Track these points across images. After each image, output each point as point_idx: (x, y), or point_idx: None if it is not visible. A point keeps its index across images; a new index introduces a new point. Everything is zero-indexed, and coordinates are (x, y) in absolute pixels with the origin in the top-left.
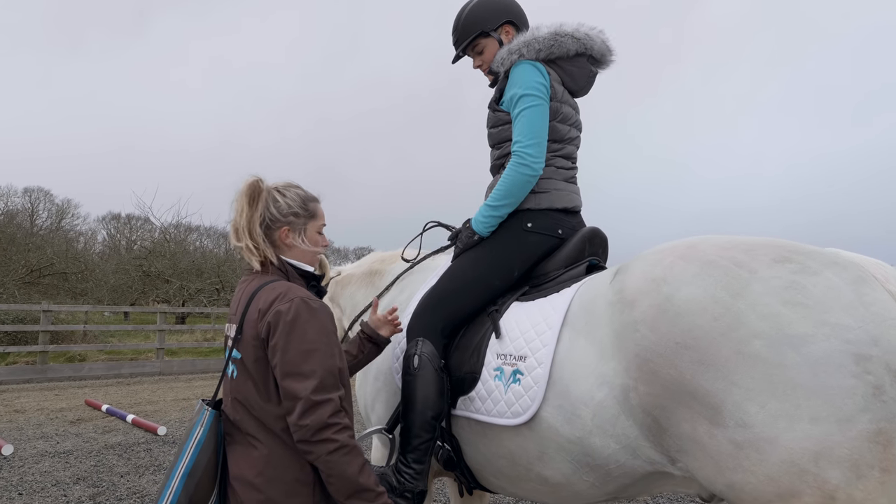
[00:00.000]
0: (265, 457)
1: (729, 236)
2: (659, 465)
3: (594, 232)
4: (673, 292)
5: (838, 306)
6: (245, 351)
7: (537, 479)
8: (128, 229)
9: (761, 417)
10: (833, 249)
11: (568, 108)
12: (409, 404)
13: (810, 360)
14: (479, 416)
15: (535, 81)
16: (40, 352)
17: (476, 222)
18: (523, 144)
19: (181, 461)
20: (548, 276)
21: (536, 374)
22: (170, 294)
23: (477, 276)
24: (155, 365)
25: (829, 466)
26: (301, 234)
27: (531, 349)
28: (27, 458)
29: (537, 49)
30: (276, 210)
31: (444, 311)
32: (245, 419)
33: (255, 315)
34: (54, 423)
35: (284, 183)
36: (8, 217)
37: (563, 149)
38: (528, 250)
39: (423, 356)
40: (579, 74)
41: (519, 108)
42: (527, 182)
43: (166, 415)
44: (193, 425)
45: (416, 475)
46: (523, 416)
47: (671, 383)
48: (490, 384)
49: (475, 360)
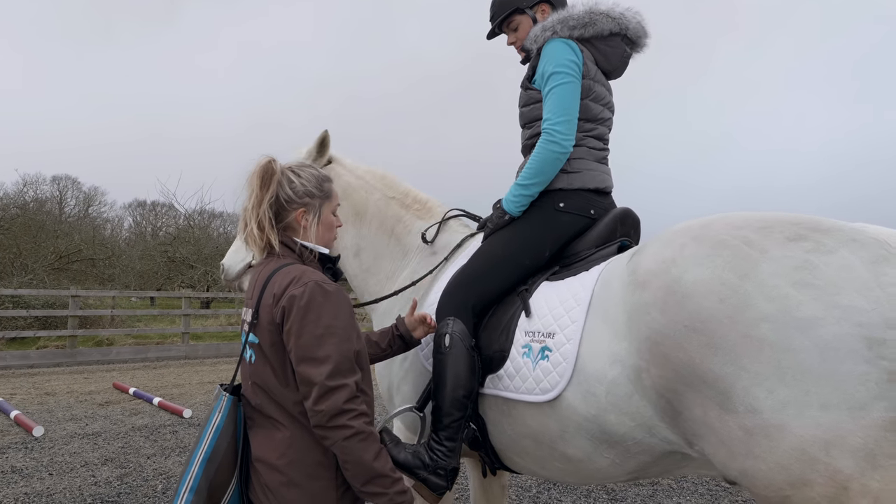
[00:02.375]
0: (287, 439)
1: (746, 213)
2: (677, 445)
3: (626, 212)
4: (682, 274)
5: (851, 287)
6: (262, 336)
7: (560, 458)
8: (153, 216)
9: (770, 403)
10: (860, 224)
11: (601, 87)
12: (440, 383)
13: (819, 345)
14: (506, 394)
15: (566, 59)
16: (69, 336)
17: (507, 202)
18: (553, 122)
19: (200, 446)
20: (578, 256)
21: (565, 351)
22: (194, 279)
23: (508, 256)
24: (180, 349)
25: (842, 455)
26: (316, 215)
27: (560, 326)
28: (57, 440)
29: (571, 27)
30: (292, 191)
31: (474, 291)
32: (265, 403)
33: (270, 300)
34: (83, 405)
35: (298, 163)
36: (38, 204)
37: (595, 129)
38: (560, 230)
39: (455, 335)
40: (613, 54)
41: (550, 86)
42: (556, 160)
43: (192, 398)
44: (212, 411)
45: (449, 452)
46: (552, 393)
47: (682, 367)
48: (518, 361)
49: (504, 338)
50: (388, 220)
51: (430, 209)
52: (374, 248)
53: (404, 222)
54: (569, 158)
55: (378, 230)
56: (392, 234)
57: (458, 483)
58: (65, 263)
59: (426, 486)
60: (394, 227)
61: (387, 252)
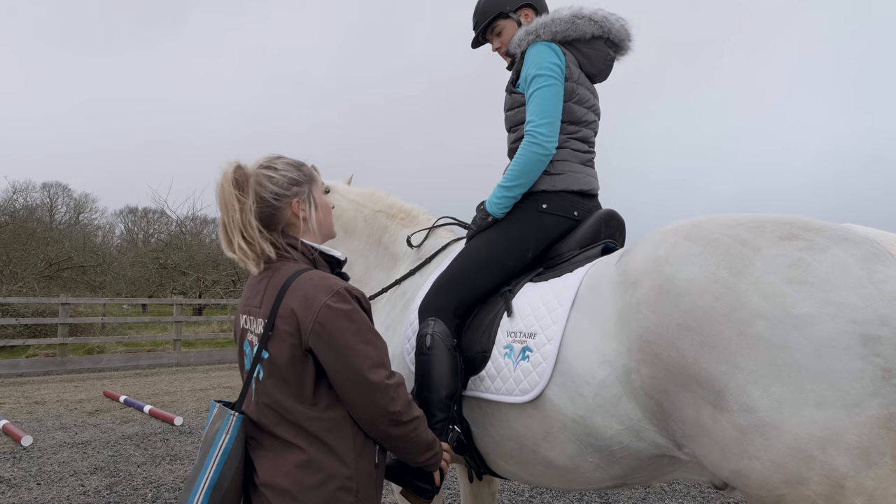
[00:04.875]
0: (303, 463)
1: (737, 214)
2: (665, 449)
3: (610, 214)
4: (674, 272)
5: (845, 284)
6: (277, 349)
7: (543, 461)
8: (144, 222)
9: (765, 402)
10: (848, 225)
11: (584, 90)
12: (422, 384)
13: (814, 342)
14: (487, 395)
15: (548, 62)
16: (59, 344)
17: (490, 204)
18: (535, 124)
19: (205, 472)
20: (563, 257)
21: (545, 351)
22: (186, 286)
23: (491, 257)
24: (172, 356)
25: (837, 453)
26: (311, 201)
27: (541, 326)
28: (46, 449)
29: (554, 31)
30: (276, 186)
31: (457, 292)
32: (276, 423)
33: (290, 309)
34: (73, 414)
35: (266, 158)
36: (28, 212)
37: (580, 132)
38: (543, 232)
39: (436, 335)
40: (597, 58)
41: (533, 88)
42: (539, 161)
43: (183, 405)
44: (217, 433)
45: None
46: (531, 394)
47: (673, 366)
48: (500, 362)
49: (486, 339)
50: (375, 231)
51: (414, 217)
52: (364, 260)
53: (390, 232)
54: (552, 160)
55: (367, 242)
56: (380, 243)
57: (451, 489)
58: (55, 271)
59: (412, 492)
60: (381, 237)
61: (376, 262)
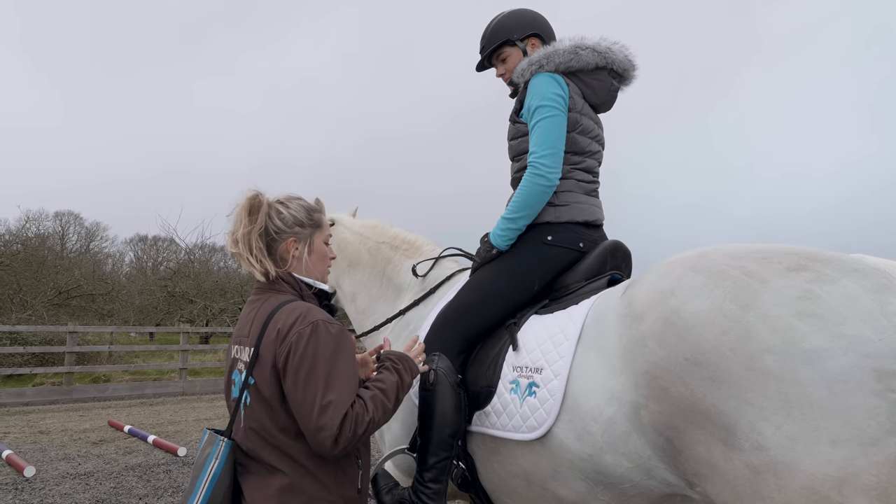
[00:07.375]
0: (286, 487)
1: (744, 244)
2: (677, 487)
3: (616, 245)
4: (680, 305)
5: (856, 317)
6: (261, 375)
7: (553, 499)
8: (154, 251)
9: (777, 439)
10: (857, 255)
11: (588, 120)
12: (425, 421)
13: (826, 377)
14: (494, 432)
15: (552, 92)
16: (66, 373)
17: (494, 236)
18: (539, 155)
19: (195, 496)
20: (568, 289)
21: (552, 387)
22: (194, 314)
23: (496, 290)
24: (178, 385)
25: (854, 495)
26: (307, 245)
27: (548, 361)
28: (48, 480)
29: (557, 62)
30: (281, 221)
31: (462, 325)
32: (261, 448)
33: (273, 336)
34: (77, 444)
35: (286, 195)
36: (39, 240)
37: (584, 162)
38: (549, 263)
39: (440, 371)
40: (600, 88)
41: (536, 119)
42: (543, 193)
43: (187, 435)
44: (207, 458)
45: (434, 495)
46: (538, 431)
47: (682, 402)
48: (506, 398)
49: (491, 373)
50: (379, 262)
51: (418, 248)
52: (368, 291)
53: (394, 263)
54: (556, 191)
55: (371, 274)
56: (384, 275)
57: None
58: (64, 299)
59: None
60: (385, 268)
61: (380, 293)
